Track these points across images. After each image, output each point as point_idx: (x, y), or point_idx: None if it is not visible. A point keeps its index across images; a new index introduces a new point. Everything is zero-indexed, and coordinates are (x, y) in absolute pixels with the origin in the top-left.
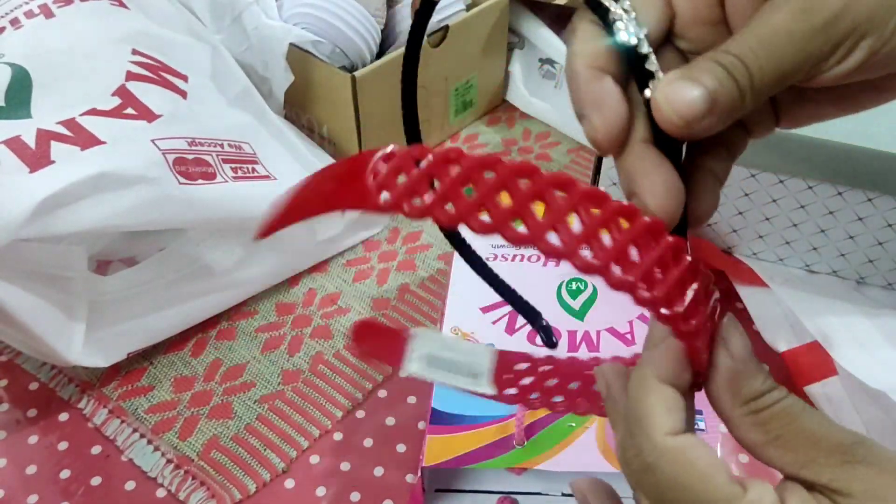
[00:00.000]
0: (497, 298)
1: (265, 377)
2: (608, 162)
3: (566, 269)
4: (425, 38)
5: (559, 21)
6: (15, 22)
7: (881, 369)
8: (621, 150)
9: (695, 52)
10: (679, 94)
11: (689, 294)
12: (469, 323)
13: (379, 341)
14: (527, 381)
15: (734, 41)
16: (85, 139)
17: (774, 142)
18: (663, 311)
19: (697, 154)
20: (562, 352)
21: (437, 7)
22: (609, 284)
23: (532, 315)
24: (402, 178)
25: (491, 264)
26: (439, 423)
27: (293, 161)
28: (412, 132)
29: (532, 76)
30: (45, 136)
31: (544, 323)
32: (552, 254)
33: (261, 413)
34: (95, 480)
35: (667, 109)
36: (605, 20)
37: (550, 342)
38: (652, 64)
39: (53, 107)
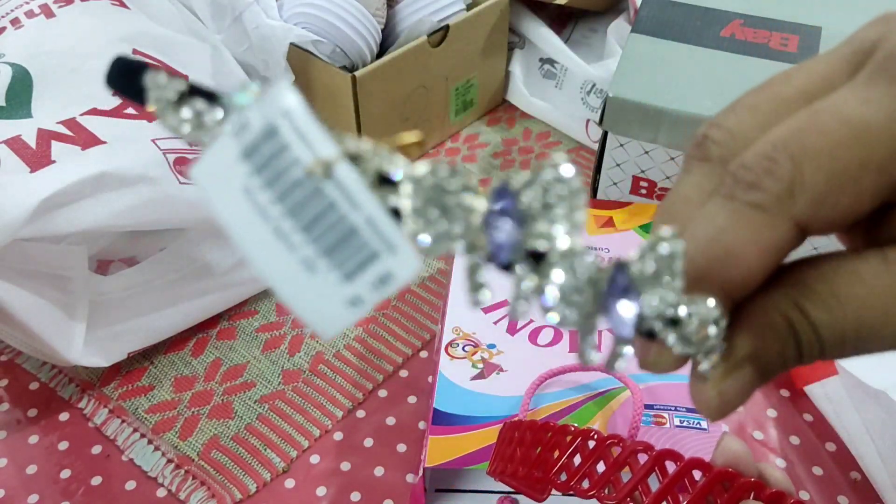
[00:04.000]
0: (498, 298)
1: (265, 377)
2: (608, 162)
3: None
4: (426, 37)
5: (559, 21)
6: (15, 22)
7: (881, 369)
8: None
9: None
10: (725, 396)
11: None
12: (470, 323)
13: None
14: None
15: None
16: (85, 139)
17: None
18: None
19: None
20: (563, 352)
21: (437, 7)
22: None
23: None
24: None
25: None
26: (441, 423)
27: None
28: None
29: (532, 76)
30: (45, 136)
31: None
32: None
33: (261, 413)
34: (96, 480)
35: (706, 410)
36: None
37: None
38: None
39: (54, 106)
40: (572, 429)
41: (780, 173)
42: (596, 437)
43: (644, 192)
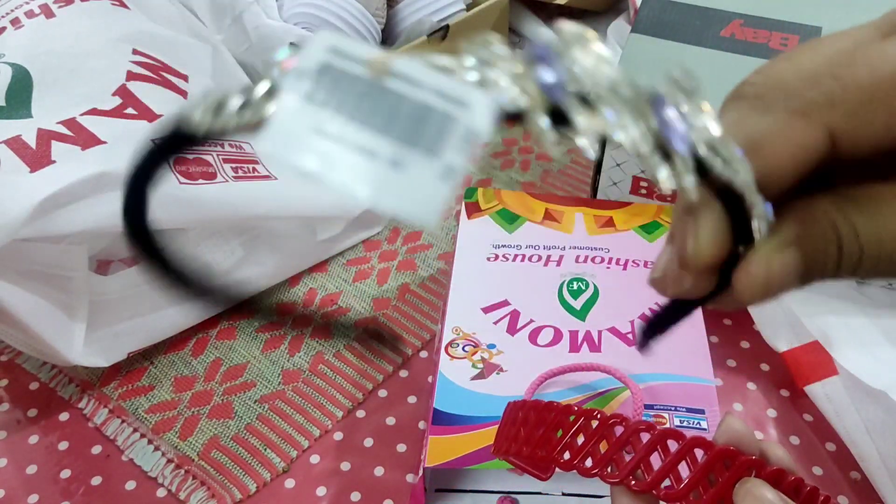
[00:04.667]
0: (498, 298)
1: (265, 377)
2: (608, 162)
3: (567, 269)
4: (426, 37)
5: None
6: (16, 22)
7: (882, 369)
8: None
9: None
10: (771, 271)
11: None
12: (471, 323)
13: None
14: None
15: (866, 216)
16: (85, 139)
17: None
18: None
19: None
20: (563, 352)
21: (437, 7)
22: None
23: None
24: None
25: (492, 264)
26: (441, 423)
27: None
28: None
29: None
30: (45, 136)
31: None
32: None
33: (261, 413)
34: (96, 480)
35: (749, 286)
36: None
37: None
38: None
39: (54, 106)
40: (576, 408)
41: (823, 88)
42: (599, 416)
43: (644, 192)
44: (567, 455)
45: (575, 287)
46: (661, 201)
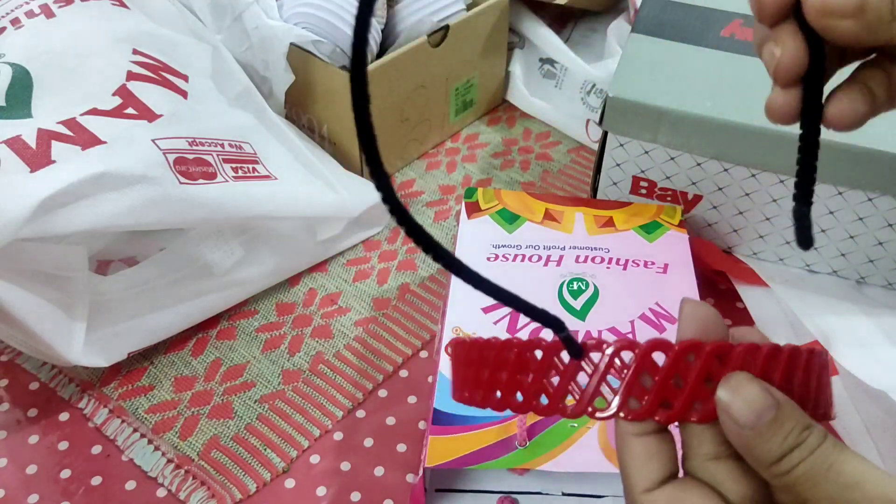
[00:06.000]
0: None
1: (265, 377)
2: (608, 162)
3: (567, 269)
4: (426, 37)
5: (559, 21)
6: (16, 22)
7: (881, 369)
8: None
9: None
10: None
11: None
12: (470, 323)
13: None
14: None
15: None
16: (85, 139)
17: (774, 142)
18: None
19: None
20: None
21: (437, 7)
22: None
23: (552, 323)
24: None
25: (492, 264)
26: (441, 423)
27: (294, 161)
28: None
29: (532, 76)
30: (45, 136)
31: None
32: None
33: (261, 413)
34: (96, 480)
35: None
36: None
37: (575, 351)
38: None
39: (54, 106)
40: (515, 341)
41: None
42: (543, 345)
43: (644, 192)
44: (520, 396)
45: (575, 287)
46: (660, 201)
